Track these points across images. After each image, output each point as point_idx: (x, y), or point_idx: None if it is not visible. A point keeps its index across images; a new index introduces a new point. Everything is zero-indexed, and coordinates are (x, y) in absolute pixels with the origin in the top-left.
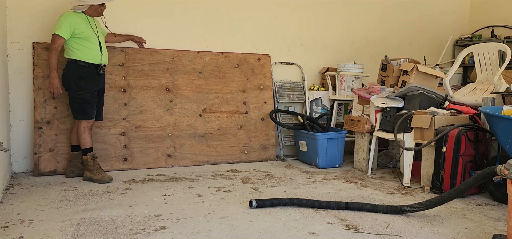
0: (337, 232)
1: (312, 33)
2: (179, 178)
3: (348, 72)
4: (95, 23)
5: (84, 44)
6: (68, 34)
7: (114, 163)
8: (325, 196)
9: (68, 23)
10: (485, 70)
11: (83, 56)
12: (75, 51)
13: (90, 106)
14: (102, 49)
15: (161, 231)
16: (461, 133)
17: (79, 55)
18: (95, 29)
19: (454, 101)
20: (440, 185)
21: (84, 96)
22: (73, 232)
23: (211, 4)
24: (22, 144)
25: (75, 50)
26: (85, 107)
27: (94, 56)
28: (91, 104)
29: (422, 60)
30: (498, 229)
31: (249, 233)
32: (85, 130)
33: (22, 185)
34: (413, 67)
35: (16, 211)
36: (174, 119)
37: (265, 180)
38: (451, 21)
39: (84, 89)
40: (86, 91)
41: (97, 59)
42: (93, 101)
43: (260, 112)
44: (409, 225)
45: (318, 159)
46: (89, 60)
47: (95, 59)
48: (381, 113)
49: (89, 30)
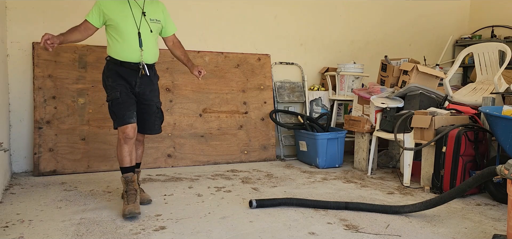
0: (337, 232)
1: (312, 33)
2: (179, 178)
3: (348, 72)
4: (144, 10)
5: (116, 36)
6: (97, 21)
7: (114, 163)
8: (325, 196)
9: (97, 7)
10: (485, 70)
11: (114, 51)
12: (108, 45)
13: (122, 107)
14: (142, 43)
15: (161, 231)
16: (461, 133)
17: (110, 51)
18: (139, 17)
19: (454, 101)
20: (440, 185)
21: (112, 95)
22: (73, 232)
23: (211, 4)
24: (22, 144)
25: (109, 44)
26: (115, 109)
27: (128, 52)
28: (122, 104)
29: (422, 60)
30: (498, 229)
31: (249, 233)
32: (120, 141)
33: (22, 185)
34: (413, 67)
35: (16, 211)
36: (174, 119)
37: (265, 180)
38: (451, 21)
39: (112, 88)
40: (114, 89)
41: (133, 56)
42: (126, 101)
43: (260, 112)
44: (409, 225)
45: (318, 159)
46: (120, 57)
47: (129, 55)
48: (381, 113)
49: (124, 18)
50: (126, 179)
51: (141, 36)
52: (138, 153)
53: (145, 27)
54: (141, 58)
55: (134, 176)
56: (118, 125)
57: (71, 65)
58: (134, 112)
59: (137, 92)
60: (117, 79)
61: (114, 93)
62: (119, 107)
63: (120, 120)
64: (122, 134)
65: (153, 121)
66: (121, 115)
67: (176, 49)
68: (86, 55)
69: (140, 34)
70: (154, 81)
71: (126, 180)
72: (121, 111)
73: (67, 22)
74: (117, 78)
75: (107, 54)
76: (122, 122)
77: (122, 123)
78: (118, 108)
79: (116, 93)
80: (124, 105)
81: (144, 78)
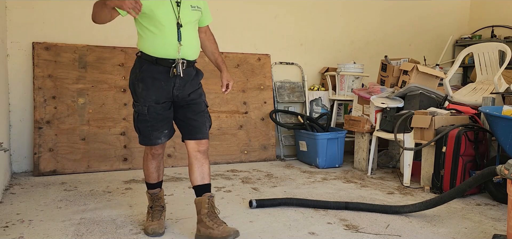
0: (337, 232)
1: (312, 33)
2: (179, 178)
3: (348, 72)
4: None
5: (149, 27)
6: None
7: (114, 163)
8: (325, 196)
9: None
10: (485, 70)
11: (148, 46)
12: (141, 39)
13: (148, 127)
14: (181, 36)
15: None
16: (461, 133)
17: (143, 45)
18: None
19: (454, 101)
20: (440, 185)
21: (139, 108)
22: (73, 232)
23: (211, 4)
24: (22, 144)
25: (140, 37)
26: (140, 126)
27: (165, 47)
28: (148, 123)
29: (422, 60)
30: (498, 229)
31: (249, 233)
32: (148, 156)
33: (22, 185)
34: (413, 67)
35: (16, 211)
36: None
37: (265, 180)
38: (451, 21)
39: (141, 98)
40: (143, 101)
41: (172, 51)
42: (155, 120)
43: (260, 112)
44: (409, 225)
45: (318, 159)
46: (156, 52)
47: (167, 51)
48: (381, 113)
49: (160, 4)
50: (152, 196)
51: (180, 26)
52: (205, 170)
53: (185, 15)
54: (178, 55)
55: (161, 192)
56: (142, 144)
57: (71, 65)
58: (165, 131)
59: (175, 95)
60: (150, 87)
61: (141, 107)
62: (144, 125)
63: (146, 138)
64: (149, 150)
65: (203, 121)
66: (146, 134)
67: (209, 42)
68: (86, 55)
69: (179, 25)
70: (197, 80)
71: (152, 196)
72: (147, 131)
73: (67, 22)
74: (151, 85)
75: (138, 49)
76: (147, 142)
77: (147, 142)
78: (144, 127)
79: (144, 108)
80: (151, 124)
81: (185, 78)
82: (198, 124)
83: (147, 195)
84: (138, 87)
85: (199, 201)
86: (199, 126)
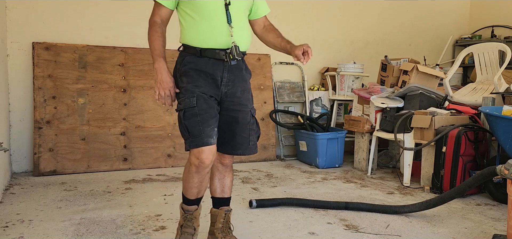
0: (337, 232)
1: (312, 33)
2: (179, 178)
3: (348, 72)
4: None
5: (192, 14)
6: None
7: (114, 163)
8: (325, 196)
9: None
10: (485, 70)
11: (191, 36)
12: (183, 29)
13: (199, 121)
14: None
15: (161, 231)
16: (461, 133)
17: (185, 36)
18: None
19: (454, 101)
20: (440, 185)
21: (185, 103)
22: (73, 232)
23: None
24: (22, 144)
25: (183, 28)
26: (188, 123)
27: (211, 34)
28: (199, 116)
29: (422, 60)
30: (498, 229)
31: (249, 233)
32: (191, 167)
33: (22, 185)
34: (413, 67)
35: (16, 211)
36: (174, 119)
37: (265, 180)
38: (451, 21)
39: (186, 92)
40: (189, 93)
41: (220, 38)
42: (206, 111)
43: (260, 112)
44: (409, 225)
45: (318, 159)
46: (201, 42)
47: (214, 38)
48: (381, 113)
49: None
50: (186, 213)
51: (228, 5)
52: (226, 183)
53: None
54: (231, 39)
55: (197, 211)
56: (191, 146)
57: (71, 65)
58: (215, 129)
59: (223, 93)
60: (195, 78)
61: (188, 100)
62: (194, 120)
63: (196, 139)
64: (195, 159)
65: (247, 134)
66: (196, 132)
67: (269, 33)
68: (86, 55)
69: (227, 3)
70: (247, 77)
71: (186, 214)
72: (197, 127)
73: (67, 22)
74: (196, 76)
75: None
76: (198, 142)
77: (197, 143)
78: (193, 123)
79: (192, 99)
80: (202, 118)
81: (234, 71)
82: (239, 139)
83: (180, 210)
84: (181, 81)
85: (215, 213)
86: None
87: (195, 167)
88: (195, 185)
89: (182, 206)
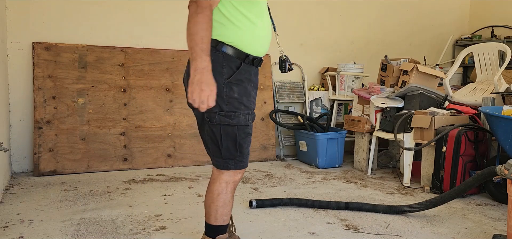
0: (337, 232)
1: (312, 33)
2: (179, 178)
3: (348, 72)
4: None
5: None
6: None
7: (114, 163)
8: (325, 196)
9: None
10: (485, 70)
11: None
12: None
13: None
14: None
15: (161, 231)
16: (461, 133)
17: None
18: None
19: (454, 101)
20: (440, 185)
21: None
22: (73, 232)
23: None
24: (22, 144)
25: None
26: (243, 141)
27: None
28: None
29: (422, 60)
30: (498, 229)
31: (249, 233)
32: (227, 187)
33: (22, 185)
34: (413, 67)
35: (16, 211)
36: (174, 119)
37: (265, 180)
38: (451, 21)
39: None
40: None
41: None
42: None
43: (260, 112)
44: (409, 225)
45: (318, 159)
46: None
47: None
48: (381, 113)
49: None
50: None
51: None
52: None
53: None
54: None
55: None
56: (238, 167)
57: (71, 65)
58: None
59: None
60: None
61: (243, 117)
62: (248, 140)
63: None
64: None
65: None
66: (246, 153)
67: None
68: (86, 55)
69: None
70: None
71: None
72: (247, 148)
73: (67, 22)
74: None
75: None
76: (245, 163)
77: (244, 164)
78: (247, 142)
79: (247, 117)
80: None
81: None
82: None
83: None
84: (233, 92)
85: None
86: None
87: (233, 186)
88: (231, 205)
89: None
